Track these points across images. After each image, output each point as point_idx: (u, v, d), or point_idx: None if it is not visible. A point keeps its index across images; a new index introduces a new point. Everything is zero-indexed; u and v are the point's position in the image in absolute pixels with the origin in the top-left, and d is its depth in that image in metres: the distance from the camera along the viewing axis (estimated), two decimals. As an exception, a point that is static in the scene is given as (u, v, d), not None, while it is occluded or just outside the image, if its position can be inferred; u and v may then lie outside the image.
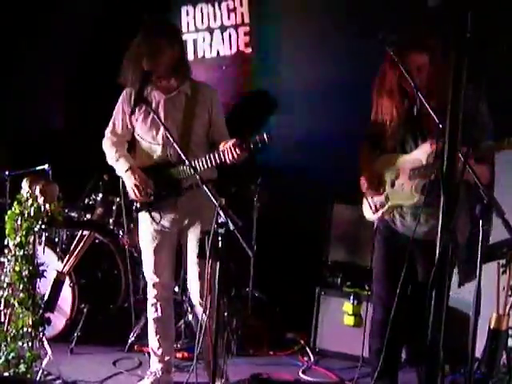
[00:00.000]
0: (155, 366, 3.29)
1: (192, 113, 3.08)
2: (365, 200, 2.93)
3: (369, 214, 2.92)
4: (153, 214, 3.12)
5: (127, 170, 3.09)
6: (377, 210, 2.84)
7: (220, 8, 4.86)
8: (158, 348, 3.27)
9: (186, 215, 3.13)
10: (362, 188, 2.89)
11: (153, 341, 3.29)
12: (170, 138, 2.68)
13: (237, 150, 2.84)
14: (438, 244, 1.53)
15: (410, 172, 2.73)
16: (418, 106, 2.68)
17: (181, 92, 3.10)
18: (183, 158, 2.67)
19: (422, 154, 2.69)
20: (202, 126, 3.11)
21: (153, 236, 3.17)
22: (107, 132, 3.22)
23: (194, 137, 3.09)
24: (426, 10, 2.68)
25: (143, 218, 3.19)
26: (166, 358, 3.28)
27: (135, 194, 3.08)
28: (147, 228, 3.18)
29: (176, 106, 3.08)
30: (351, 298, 3.73)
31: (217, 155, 2.92)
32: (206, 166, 2.94)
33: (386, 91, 2.76)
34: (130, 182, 3.09)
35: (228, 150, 2.87)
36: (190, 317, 3.54)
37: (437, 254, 1.54)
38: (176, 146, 2.67)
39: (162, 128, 2.99)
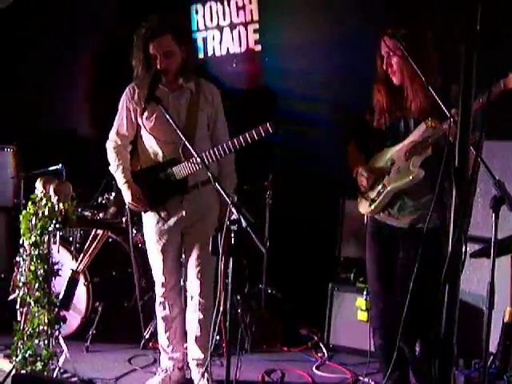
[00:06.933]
0: (165, 363, 3.31)
1: (196, 106, 3.08)
2: (360, 196, 2.90)
3: (364, 207, 2.88)
4: (162, 214, 3.12)
5: (124, 184, 3.12)
6: (373, 202, 2.81)
7: (229, 6, 4.87)
8: (168, 346, 3.29)
9: (190, 214, 3.11)
10: (361, 185, 2.86)
11: (162, 338, 3.31)
12: (181, 135, 2.68)
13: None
14: (451, 236, 1.52)
15: (405, 154, 2.70)
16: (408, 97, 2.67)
17: (186, 89, 3.10)
18: (193, 153, 2.67)
19: (416, 135, 2.67)
20: (205, 118, 3.11)
21: (159, 235, 3.16)
22: (111, 134, 3.19)
23: (199, 131, 3.07)
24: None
25: (148, 218, 3.19)
26: (176, 356, 3.29)
27: (133, 207, 3.14)
28: (152, 228, 3.17)
29: (181, 103, 3.08)
30: (364, 293, 3.72)
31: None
32: (212, 158, 2.93)
33: (377, 80, 2.76)
34: (126, 196, 3.12)
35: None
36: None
37: (449, 247, 1.53)
38: (187, 144, 2.67)
39: (168, 125, 3.02)
